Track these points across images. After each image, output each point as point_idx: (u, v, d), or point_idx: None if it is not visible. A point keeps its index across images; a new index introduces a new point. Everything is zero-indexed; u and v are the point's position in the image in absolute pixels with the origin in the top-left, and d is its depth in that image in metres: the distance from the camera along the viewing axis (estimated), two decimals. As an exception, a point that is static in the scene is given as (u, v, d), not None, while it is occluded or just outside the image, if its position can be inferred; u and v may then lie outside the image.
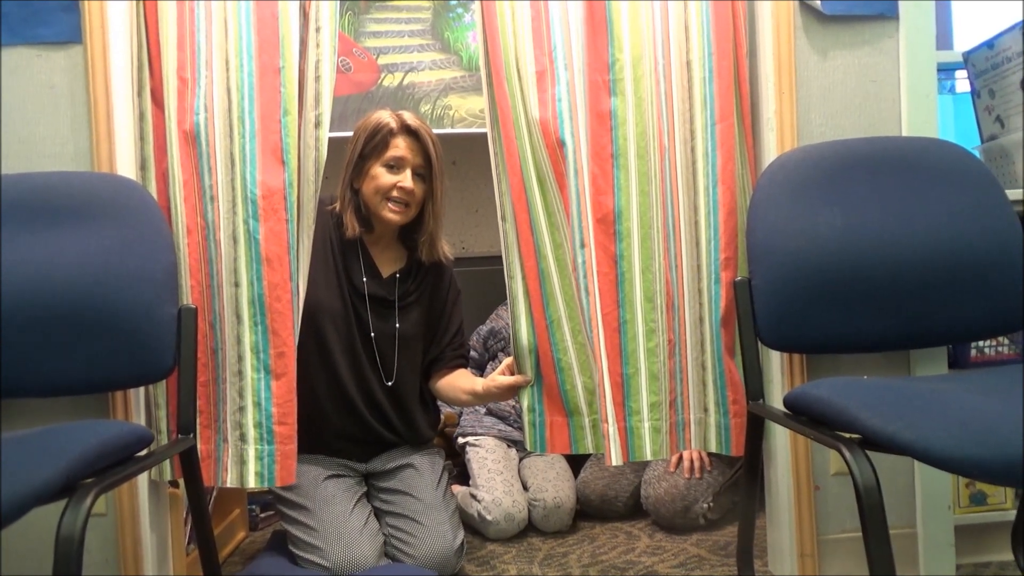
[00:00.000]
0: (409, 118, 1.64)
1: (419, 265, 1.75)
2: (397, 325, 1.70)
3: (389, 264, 1.74)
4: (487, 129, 1.56)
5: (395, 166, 1.62)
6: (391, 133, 1.61)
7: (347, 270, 1.68)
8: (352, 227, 1.64)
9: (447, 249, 1.76)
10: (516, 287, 1.56)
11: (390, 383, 1.70)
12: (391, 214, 1.63)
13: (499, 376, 1.59)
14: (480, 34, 1.55)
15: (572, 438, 1.56)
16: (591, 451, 1.55)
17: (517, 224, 1.54)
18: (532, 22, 1.52)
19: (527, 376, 1.56)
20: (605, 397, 1.48)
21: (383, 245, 1.74)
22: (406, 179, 1.62)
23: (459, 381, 1.75)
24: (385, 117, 1.63)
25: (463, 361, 1.82)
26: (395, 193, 1.62)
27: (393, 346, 1.70)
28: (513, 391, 1.59)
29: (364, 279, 1.68)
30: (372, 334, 1.68)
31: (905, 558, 1.53)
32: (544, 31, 1.52)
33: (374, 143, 1.61)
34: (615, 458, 1.47)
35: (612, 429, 1.48)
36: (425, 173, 1.66)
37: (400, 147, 1.62)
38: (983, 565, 1.59)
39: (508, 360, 1.60)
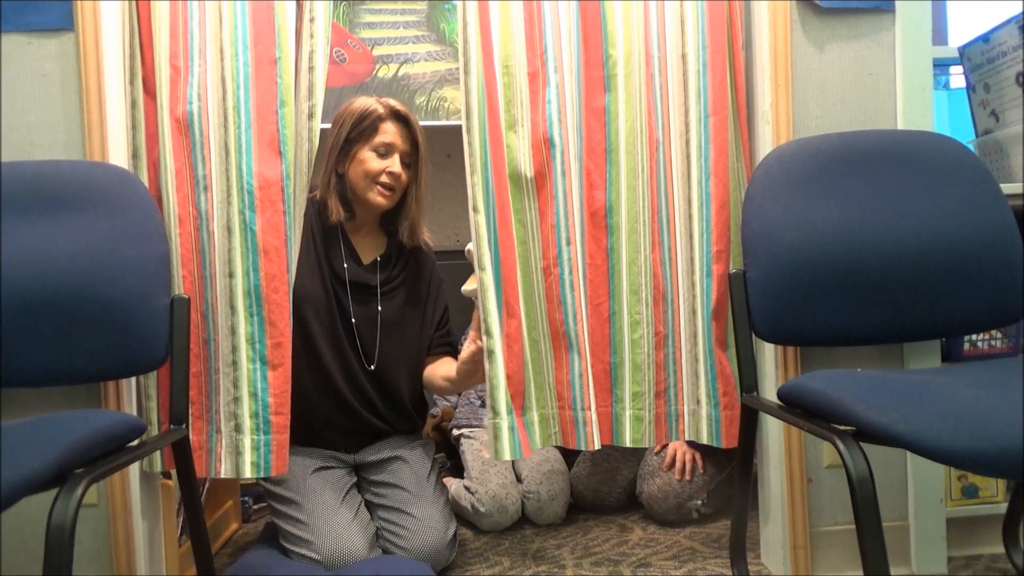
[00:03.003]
0: (396, 104, 1.65)
1: (400, 250, 1.76)
2: (379, 308, 1.70)
3: (370, 250, 1.74)
4: (462, 120, 1.51)
5: (384, 151, 1.63)
6: (380, 118, 1.63)
7: (328, 257, 1.68)
8: (337, 212, 1.64)
9: (427, 236, 1.78)
10: (487, 279, 1.50)
11: (372, 367, 1.70)
12: (379, 198, 1.64)
13: (466, 348, 1.56)
14: (463, 26, 1.50)
15: (528, 436, 1.52)
16: (538, 447, 1.54)
17: (498, 216, 1.51)
18: (526, 24, 1.53)
19: (481, 343, 1.49)
20: (588, 386, 1.52)
21: (365, 232, 1.74)
22: (395, 164, 1.63)
23: (439, 369, 1.75)
24: (372, 103, 1.64)
25: (448, 348, 1.83)
26: (384, 178, 1.63)
27: (375, 331, 1.70)
28: (477, 362, 1.53)
29: (345, 266, 1.68)
30: (353, 320, 1.68)
31: (897, 550, 1.54)
32: (536, 33, 1.53)
33: (362, 128, 1.62)
34: (596, 443, 1.51)
35: (593, 416, 1.52)
36: (411, 160, 1.68)
37: (390, 133, 1.63)
38: (974, 558, 1.59)
39: (471, 338, 1.57)
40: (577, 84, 1.53)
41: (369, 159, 1.63)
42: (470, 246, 1.63)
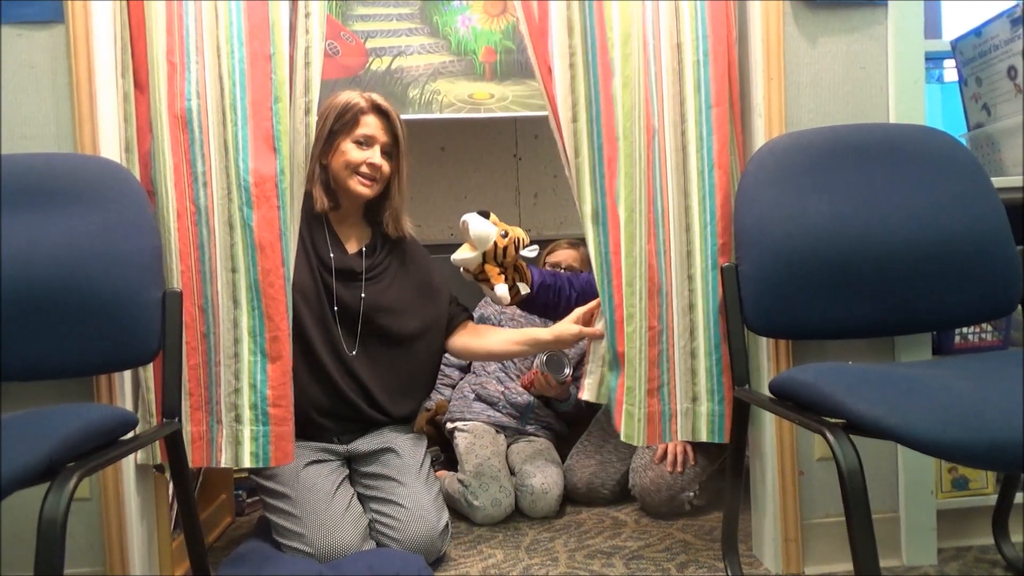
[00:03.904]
0: (378, 98, 1.71)
1: (384, 240, 1.80)
2: (363, 295, 1.72)
3: (355, 241, 1.78)
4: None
5: (364, 143, 1.68)
6: (361, 111, 1.68)
7: (315, 245, 1.71)
8: (321, 201, 1.68)
9: (410, 227, 1.83)
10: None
11: (360, 351, 1.72)
12: (360, 187, 1.69)
13: (574, 324, 1.66)
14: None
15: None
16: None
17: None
18: (559, 22, 1.52)
19: (602, 331, 1.56)
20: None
21: (350, 223, 1.78)
22: (375, 155, 1.68)
23: (498, 334, 1.83)
24: (355, 96, 1.69)
25: (470, 315, 1.90)
26: (364, 168, 1.68)
27: (358, 316, 1.73)
28: (580, 338, 1.65)
29: (331, 254, 1.71)
30: (337, 307, 1.70)
31: (888, 542, 1.55)
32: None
33: (344, 120, 1.67)
34: None
35: None
36: (392, 151, 1.73)
37: (370, 125, 1.68)
38: (964, 549, 1.60)
39: (581, 310, 1.67)
40: (594, 69, 1.50)
41: (350, 150, 1.67)
42: (465, 217, 1.67)
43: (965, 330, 1.62)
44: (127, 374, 1.46)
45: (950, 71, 2.21)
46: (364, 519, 1.64)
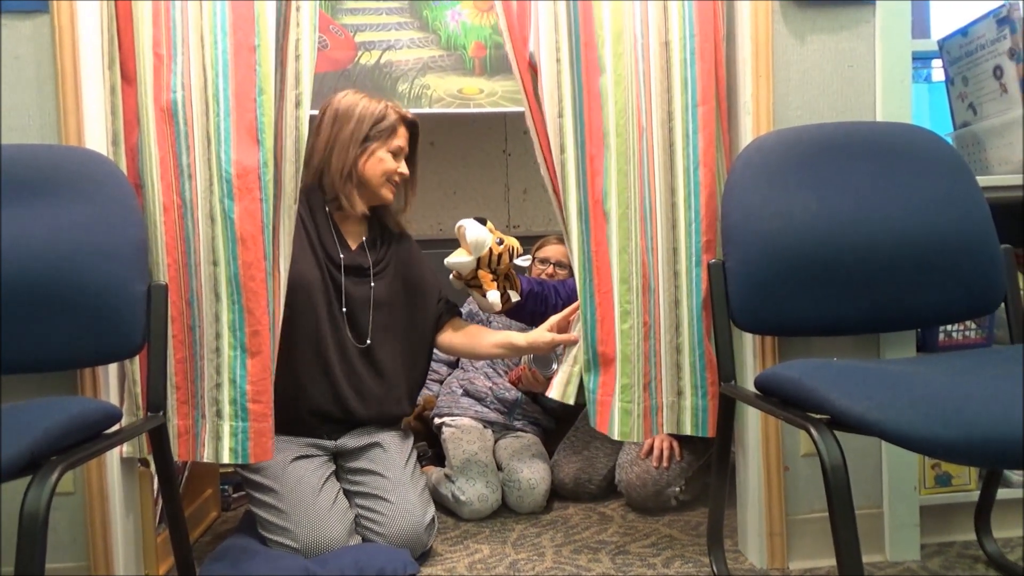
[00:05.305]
0: (408, 112, 1.79)
1: (382, 234, 1.83)
2: (372, 285, 1.76)
3: (355, 236, 1.81)
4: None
5: (397, 153, 1.75)
6: (398, 123, 1.75)
7: (321, 242, 1.73)
8: (359, 205, 1.73)
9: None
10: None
11: (363, 345, 1.74)
12: (390, 194, 1.77)
13: (548, 332, 1.69)
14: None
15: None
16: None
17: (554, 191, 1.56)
18: (546, 18, 1.53)
19: (577, 336, 1.59)
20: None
21: (351, 219, 1.79)
22: (404, 166, 1.78)
23: (483, 335, 1.85)
24: (383, 106, 1.74)
25: (458, 311, 1.94)
26: (396, 177, 1.76)
27: (368, 310, 1.75)
28: (554, 346, 1.72)
29: (339, 250, 1.74)
30: (347, 301, 1.72)
31: (871, 537, 1.56)
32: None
33: (381, 128, 1.72)
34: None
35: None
36: (409, 157, 1.82)
37: (403, 137, 1.76)
38: (947, 545, 1.62)
39: (554, 318, 1.71)
40: (578, 66, 1.51)
41: (387, 159, 1.73)
42: (463, 222, 1.69)
43: (949, 328, 1.63)
44: (112, 367, 1.45)
45: (938, 71, 2.22)
46: (350, 514, 1.63)
